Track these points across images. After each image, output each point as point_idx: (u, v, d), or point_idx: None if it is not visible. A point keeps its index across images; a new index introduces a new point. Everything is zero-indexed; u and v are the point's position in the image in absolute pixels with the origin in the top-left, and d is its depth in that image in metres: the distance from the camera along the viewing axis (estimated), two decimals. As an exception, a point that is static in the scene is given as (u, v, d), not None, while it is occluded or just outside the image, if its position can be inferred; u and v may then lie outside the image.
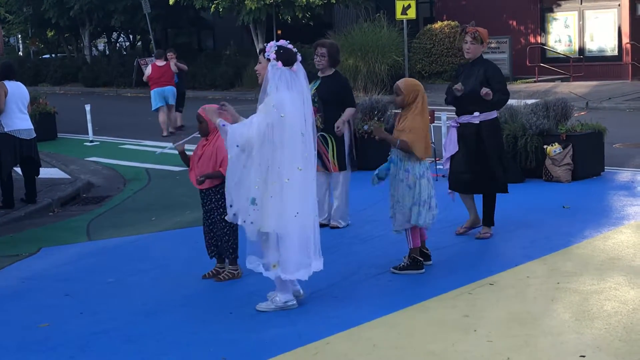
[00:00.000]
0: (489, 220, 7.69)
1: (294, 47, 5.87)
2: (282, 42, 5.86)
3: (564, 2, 25.92)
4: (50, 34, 38.70)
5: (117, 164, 13.66)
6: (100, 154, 14.94)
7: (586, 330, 5.25)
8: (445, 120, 11.15)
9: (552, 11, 26.28)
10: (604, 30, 25.27)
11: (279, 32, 26.59)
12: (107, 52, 38.34)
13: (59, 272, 7.42)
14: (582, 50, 25.61)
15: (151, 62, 18.13)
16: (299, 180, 5.74)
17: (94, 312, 6.15)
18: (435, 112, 10.49)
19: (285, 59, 5.73)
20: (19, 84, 10.27)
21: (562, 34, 26.16)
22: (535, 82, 24.07)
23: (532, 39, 26.35)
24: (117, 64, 32.15)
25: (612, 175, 10.52)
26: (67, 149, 15.72)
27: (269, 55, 5.76)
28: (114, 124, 19.11)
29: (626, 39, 24.51)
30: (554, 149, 10.04)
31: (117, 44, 40.49)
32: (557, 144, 10.09)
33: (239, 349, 5.26)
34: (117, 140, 16.81)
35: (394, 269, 6.71)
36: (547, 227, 7.97)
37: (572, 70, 24.52)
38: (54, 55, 40.04)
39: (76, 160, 14.13)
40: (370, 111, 11.67)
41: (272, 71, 5.72)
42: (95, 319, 6.00)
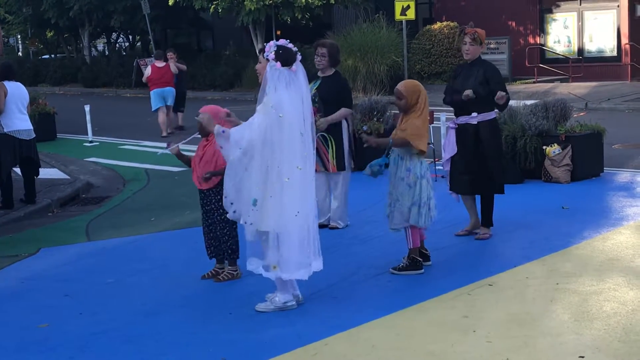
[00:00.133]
0: (487, 221, 7.70)
1: (294, 47, 5.87)
2: (282, 41, 5.85)
3: (563, 3, 25.93)
4: (49, 35, 38.71)
5: (117, 165, 13.67)
6: (99, 154, 14.94)
7: (585, 331, 5.25)
8: (444, 121, 11.15)
9: (551, 12, 26.29)
10: (603, 31, 25.29)
11: (279, 32, 26.58)
12: (107, 52, 38.34)
13: (58, 272, 7.42)
14: (581, 51, 25.63)
15: (151, 62, 18.15)
16: (299, 179, 5.74)
17: (94, 313, 6.15)
18: (434, 113, 10.50)
19: (284, 59, 5.73)
20: (19, 84, 10.27)
21: (561, 35, 26.17)
22: (534, 82, 24.08)
23: (532, 40, 26.36)
24: (116, 64, 32.14)
25: (611, 176, 10.52)
26: (67, 149, 15.72)
27: (267, 55, 5.77)
28: (114, 125, 19.11)
29: (625, 40, 24.53)
30: (553, 150, 10.05)
31: (117, 45, 40.48)
32: (556, 144, 10.09)
33: (238, 350, 5.26)
34: (116, 140, 16.82)
35: (393, 269, 6.72)
36: (546, 227, 7.97)
37: (572, 71, 24.53)
38: (53, 55, 40.03)
39: (75, 160, 14.14)
40: (369, 112, 11.67)
41: (270, 71, 5.73)
42: (94, 319, 6.00)
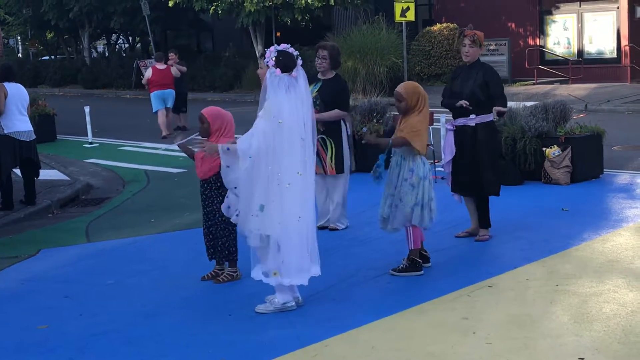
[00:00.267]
0: (484, 222, 7.69)
1: (295, 51, 5.87)
2: (284, 46, 5.87)
3: (563, 5, 25.94)
4: (49, 36, 38.73)
5: (116, 166, 13.67)
6: (99, 155, 14.94)
7: (585, 332, 5.25)
8: (444, 122, 11.15)
9: (551, 13, 26.29)
10: (603, 32, 25.29)
11: (278, 34, 26.60)
12: (107, 54, 38.37)
13: (58, 273, 7.42)
14: (581, 52, 25.63)
15: (151, 64, 18.16)
16: (300, 184, 5.76)
17: (93, 314, 6.15)
18: (434, 114, 10.50)
19: (284, 65, 5.75)
20: (19, 85, 10.27)
21: (561, 37, 26.18)
22: (534, 84, 24.08)
23: (531, 41, 26.37)
24: (116, 65, 32.17)
25: (611, 177, 10.52)
26: (67, 150, 15.73)
27: (267, 62, 5.79)
28: (113, 126, 19.11)
29: (625, 42, 24.53)
30: (552, 152, 10.05)
31: (117, 46, 40.51)
32: (556, 146, 10.09)
33: (238, 351, 5.26)
34: (116, 142, 16.82)
35: (393, 270, 6.72)
36: (546, 229, 7.97)
37: (571, 72, 24.53)
38: (53, 57, 40.06)
39: (75, 162, 14.14)
40: (369, 113, 11.68)
41: (270, 78, 5.75)
42: (94, 320, 6.01)
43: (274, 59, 5.76)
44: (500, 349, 5.04)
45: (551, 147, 10.08)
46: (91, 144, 16.45)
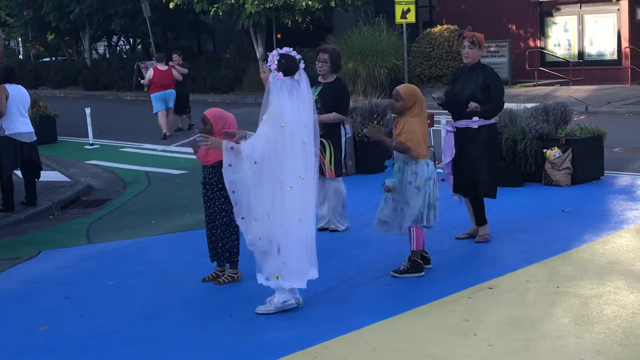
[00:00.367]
0: (480, 220, 7.67)
1: (297, 54, 5.88)
2: (286, 49, 5.88)
3: (563, 6, 25.93)
4: (50, 37, 38.73)
5: (117, 167, 13.67)
6: (100, 157, 14.95)
7: (586, 334, 5.25)
8: (444, 124, 11.15)
9: (551, 15, 26.29)
10: (604, 34, 25.28)
11: (279, 36, 26.61)
12: (107, 55, 38.37)
13: (59, 275, 7.43)
14: (581, 54, 25.62)
15: (152, 65, 18.17)
16: (301, 188, 5.77)
17: (94, 315, 6.16)
18: (434, 116, 10.51)
19: (286, 68, 5.76)
20: (20, 87, 10.27)
21: (561, 38, 26.17)
22: (534, 86, 24.09)
23: (532, 43, 26.36)
24: (117, 67, 32.18)
25: (612, 179, 10.52)
26: (67, 152, 15.74)
27: (270, 65, 5.80)
28: (114, 127, 19.12)
29: (625, 43, 24.52)
30: (553, 153, 10.05)
31: (117, 48, 40.52)
32: (556, 147, 10.10)
33: (239, 352, 5.27)
34: (117, 143, 16.83)
35: (393, 272, 6.72)
36: (547, 231, 7.97)
37: (572, 74, 24.52)
38: (54, 58, 40.05)
39: (76, 163, 14.15)
40: (369, 115, 11.67)
41: (273, 82, 5.77)
42: (95, 322, 6.01)
43: (276, 62, 5.77)
44: (500, 351, 5.04)
45: (552, 149, 10.08)
46: (92, 145, 16.45)
